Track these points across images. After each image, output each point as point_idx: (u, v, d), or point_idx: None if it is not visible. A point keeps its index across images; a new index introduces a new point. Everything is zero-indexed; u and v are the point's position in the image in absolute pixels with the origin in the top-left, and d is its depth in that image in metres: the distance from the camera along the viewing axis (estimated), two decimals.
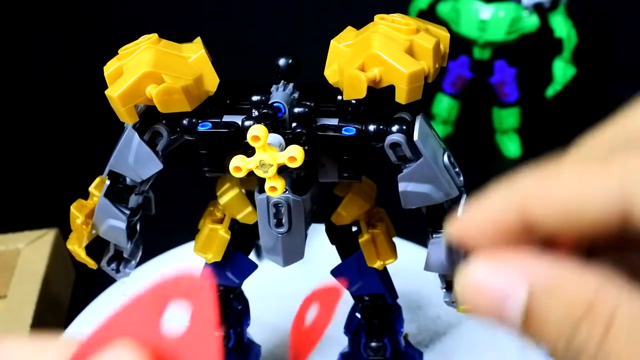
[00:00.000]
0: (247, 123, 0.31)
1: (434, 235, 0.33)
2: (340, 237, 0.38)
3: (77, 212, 0.34)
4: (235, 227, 0.38)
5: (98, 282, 0.51)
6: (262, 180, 0.30)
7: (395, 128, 0.30)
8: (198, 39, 0.32)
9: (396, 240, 0.38)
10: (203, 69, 0.30)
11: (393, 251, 0.37)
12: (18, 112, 0.87)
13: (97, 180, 0.35)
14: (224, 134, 0.30)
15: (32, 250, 0.54)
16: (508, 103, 0.72)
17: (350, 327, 0.41)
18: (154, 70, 0.29)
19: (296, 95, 0.31)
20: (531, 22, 0.66)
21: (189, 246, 0.40)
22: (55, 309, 0.53)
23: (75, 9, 0.88)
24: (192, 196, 0.46)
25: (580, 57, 0.70)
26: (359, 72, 0.28)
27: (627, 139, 0.17)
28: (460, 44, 0.70)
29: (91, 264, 0.35)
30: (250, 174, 0.30)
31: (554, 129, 0.79)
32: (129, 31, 0.36)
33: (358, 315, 0.40)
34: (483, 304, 0.16)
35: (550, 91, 0.70)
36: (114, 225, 0.34)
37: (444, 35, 0.31)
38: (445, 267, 0.33)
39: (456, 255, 0.17)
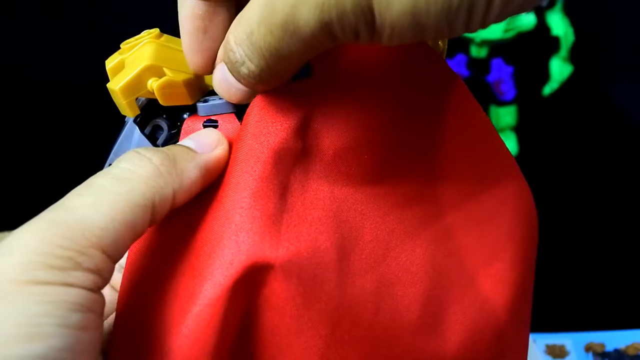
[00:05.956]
0: None
1: None
2: None
3: None
4: None
5: None
6: None
7: None
8: None
9: None
10: None
11: None
12: (17, 110, 0.87)
13: None
14: None
15: None
16: (505, 101, 0.73)
17: None
18: (155, 64, 0.29)
19: None
20: (528, 20, 0.67)
21: None
22: None
23: (76, 5, 0.88)
24: None
25: (576, 55, 0.71)
26: None
27: None
28: (457, 42, 0.70)
29: None
30: None
31: (550, 127, 0.79)
32: (131, 27, 0.36)
33: None
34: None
35: (547, 89, 0.71)
36: None
37: None
38: None
39: None
